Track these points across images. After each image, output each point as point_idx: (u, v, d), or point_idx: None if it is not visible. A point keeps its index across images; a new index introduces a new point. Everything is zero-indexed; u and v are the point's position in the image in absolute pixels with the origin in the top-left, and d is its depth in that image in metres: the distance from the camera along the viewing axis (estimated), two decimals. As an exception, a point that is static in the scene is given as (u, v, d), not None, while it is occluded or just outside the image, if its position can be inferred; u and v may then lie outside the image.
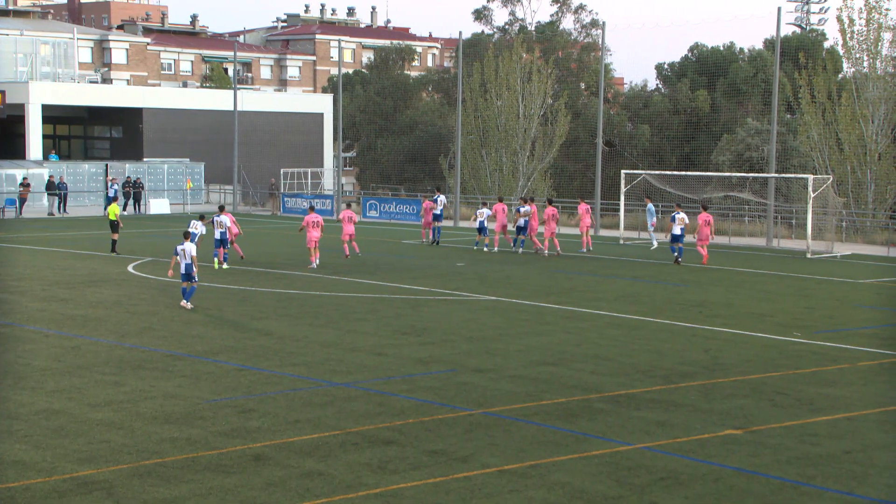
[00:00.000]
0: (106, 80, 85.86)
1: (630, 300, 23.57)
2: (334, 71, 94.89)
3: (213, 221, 28.17)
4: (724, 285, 26.68)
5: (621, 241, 39.42)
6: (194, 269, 21.14)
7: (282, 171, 60.79)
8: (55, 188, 50.08)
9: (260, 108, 63.91)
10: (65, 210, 49.93)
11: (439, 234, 36.79)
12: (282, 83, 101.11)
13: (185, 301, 21.23)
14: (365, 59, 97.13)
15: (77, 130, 66.59)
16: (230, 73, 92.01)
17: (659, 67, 69.19)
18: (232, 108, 55.23)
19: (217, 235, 28.00)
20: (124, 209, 51.58)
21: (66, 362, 16.07)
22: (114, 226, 31.11)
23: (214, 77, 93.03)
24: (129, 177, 53.93)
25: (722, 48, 67.50)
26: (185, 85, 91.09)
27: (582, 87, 71.12)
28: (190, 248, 21.18)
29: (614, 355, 17.20)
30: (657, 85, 69.82)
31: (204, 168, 59.52)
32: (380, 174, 72.99)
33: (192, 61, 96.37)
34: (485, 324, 20.13)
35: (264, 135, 63.53)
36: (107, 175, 53.78)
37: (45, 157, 56.54)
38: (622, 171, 41.67)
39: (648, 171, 42.88)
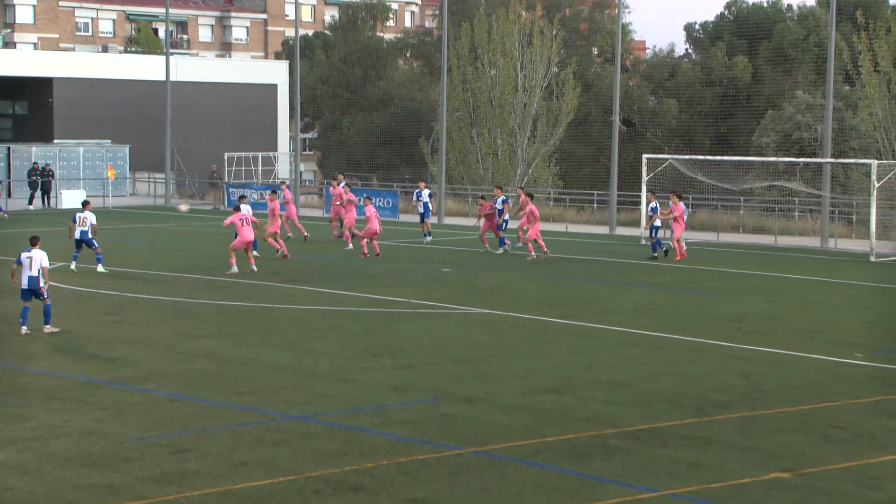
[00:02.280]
0: (8, 43, 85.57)
1: (650, 313, 23.66)
2: (290, 32, 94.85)
3: (74, 219, 28.61)
4: (767, 295, 26.81)
5: (643, 241, 39.54)
6: (41, 283, 19.85)
7: (226, 155, 60.70)
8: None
9: (199, 78, 63.81)
10: None
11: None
12: (225, 47, 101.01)
13: (24, 326, 19.97)
14: (328, 17, 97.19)
15: (-28, 106, 66.31)
16: (161, 34, 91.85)
17: (689, 28, 69.46)
18: (164, 78, 55.15)
19: (77, 234, 28.43)
20: (30, 202, 51.47)
21: (-41, 391, 16.02)
22: None
23: (142, 40, 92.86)
24: (35, 162, 53.76)
25: (766, 5, 67.83)
26: (105, 49, 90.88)
27: (594, 52, 71.34)
28: (39, 256, 19.94)
29: (632, 381, 17.26)
30: (686, 50, 70.08)
31: (129, 152, 59.37)
32: (346, 160, 72.98)
33: (113, 20, 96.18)
34: (474, 342, 20.17)
35: (204, 111, 63.42)
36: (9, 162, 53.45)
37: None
38: (643, 156, 41.78)
39: (675, 156, 43.04)
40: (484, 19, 57.84)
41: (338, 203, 36.33)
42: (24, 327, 20.11)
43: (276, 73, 68.40)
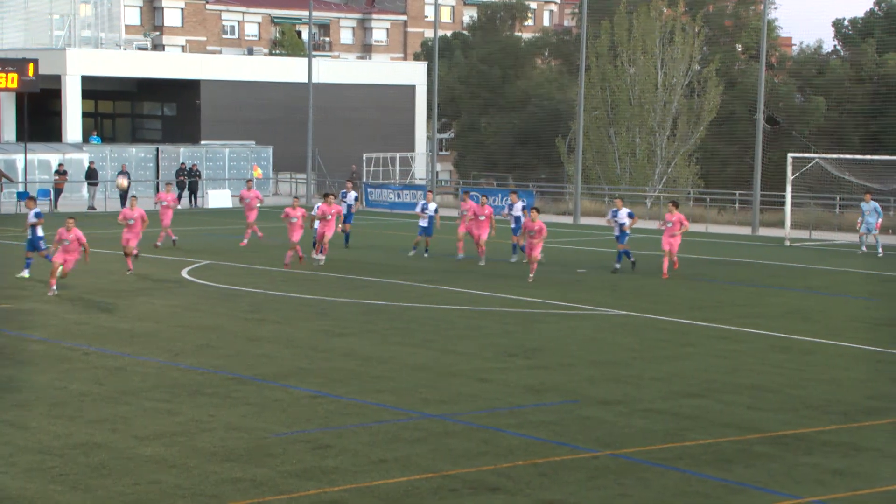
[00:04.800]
0: (157, 46, 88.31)
1: (800, 317, 23.14)
2: (429, 33, 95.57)
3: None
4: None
5: (787, 243, 38.69)
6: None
7: (365, 156, 61.46)
8: (97, 177, 51.68)
9: (339, 80, 64.79)
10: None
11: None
12: (366, 49, 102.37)
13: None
14: (467, 17, 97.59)
15: (123, 107, 68.61)
16: (304, 37, 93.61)
17: (837, 24, 67.59)
18: (306, 80, 56.19)
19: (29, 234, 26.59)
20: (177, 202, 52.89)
21: (109, 386, 16.57)
22: None
23: (285, 42, 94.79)
24: (183, 163, 55.31)
25: (918, -1, 65.52)
26: (250, 52, 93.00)
27: (738, 49, 69.99)
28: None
29: (778, 386, 16.91)
30: (835, 46, 68.22)
31: (272, 153, 60.62)
32: (483, 160, 73.15)
33: (258, 23, 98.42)
34: (613, 344, 20.02)
35: (344, 112, 64.40)
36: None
37: (86, 139, 58.39)
38: (789, 155, 40.91)
39: (823, 156, 41.94)
40: (624, 17, 57.27)
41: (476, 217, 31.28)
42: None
43: (414, 74, 68.96)
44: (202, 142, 60.74)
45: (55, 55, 57.76)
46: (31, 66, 50.65)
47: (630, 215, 29.45)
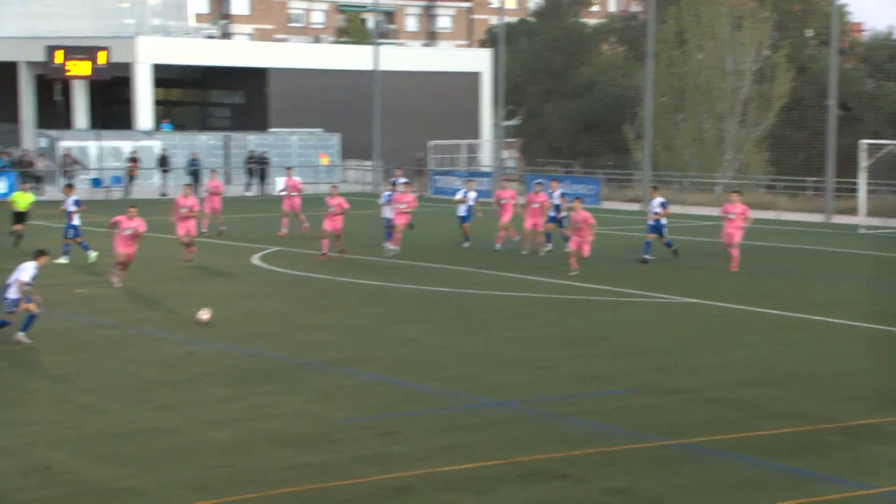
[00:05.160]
0: (225, 34, 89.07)
1: (868, 306, 22.74)
2: (494, 20, 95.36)
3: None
4: None
5: (861, 230, 38.05)
6: (13, 293, 17.76)
7: (430, 143, 61.50)
8: (169, 164, 52.32)
9: (404, 68, 64.81)
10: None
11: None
12: (431, 36, 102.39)
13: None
14: (532, 4, 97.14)
15: (192, 95, 69.25)
16: (370, 24, 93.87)
17: (910, 8, 66.28)
18: (372, 68, 56.31)
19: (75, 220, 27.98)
20: (247, 189, 53.36)
21: (178, 371, 16.78)
22: (21, 216, 30.56)
23: (351, 30, 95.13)
24: (252, 150, 55.74)
25: None
26: (317, 40, 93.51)
27: (809, 34, 68.92)
28: (26, 267, 17.90)
29: (845, 375, 16.68)
30: (907, 31, 66.90)
31: (340, 140, 60.84)
32: (549, 147, 72.82)
33: (325, 11, 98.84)
34: (675, 332, 19.85)
35: (409, 99, 64.41)
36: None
37: (157, 126, 59.05)
38: (861, 142, 40.19)
39: (896, 142, 41.13)
40: (691, 2, 56.63)
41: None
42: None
43: (479, 61, 68.77)
44: (271, 129, 61.15)
45: (125, 43, 58.33)
46: (102, 53, 51.26)
47: (663, 205, 28.58)
